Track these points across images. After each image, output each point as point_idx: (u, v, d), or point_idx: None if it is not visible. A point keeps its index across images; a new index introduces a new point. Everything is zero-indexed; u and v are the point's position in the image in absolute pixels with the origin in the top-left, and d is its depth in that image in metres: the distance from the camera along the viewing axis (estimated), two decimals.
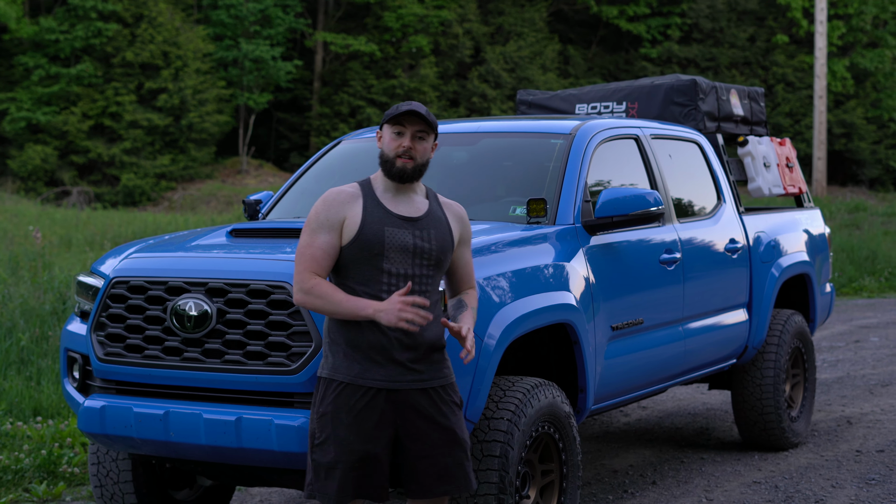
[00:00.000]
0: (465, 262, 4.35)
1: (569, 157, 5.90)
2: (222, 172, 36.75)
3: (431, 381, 4.16)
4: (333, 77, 39.18)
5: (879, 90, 41.70)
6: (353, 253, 4.11)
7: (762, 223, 7.49)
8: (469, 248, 4.37)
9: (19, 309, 9.80)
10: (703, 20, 41.44)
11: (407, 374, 4.11)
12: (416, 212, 4.21)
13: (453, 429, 4.18)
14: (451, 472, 4.18)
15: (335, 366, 4.14)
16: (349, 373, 4.10)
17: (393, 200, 4.20)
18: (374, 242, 4.10)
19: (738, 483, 6.76)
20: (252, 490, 6.70)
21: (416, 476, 4.18)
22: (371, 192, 4.21)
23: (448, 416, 4.18)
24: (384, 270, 4.10)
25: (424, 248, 4.15)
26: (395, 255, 4.11)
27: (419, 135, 4.21)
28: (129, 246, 5.39)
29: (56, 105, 34.60)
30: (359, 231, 4.10)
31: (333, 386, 4.13)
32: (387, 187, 4.22)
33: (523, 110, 8.32)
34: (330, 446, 4.11)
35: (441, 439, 4.16)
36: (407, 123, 4.20)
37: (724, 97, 7.84)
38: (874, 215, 25.55)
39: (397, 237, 4.12)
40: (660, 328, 6.20)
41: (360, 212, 4.14)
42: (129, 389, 4.98)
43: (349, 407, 4.10)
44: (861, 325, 13.41)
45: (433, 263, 4.17)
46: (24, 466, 6.77)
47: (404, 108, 4.19)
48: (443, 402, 4.18)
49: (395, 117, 4.19)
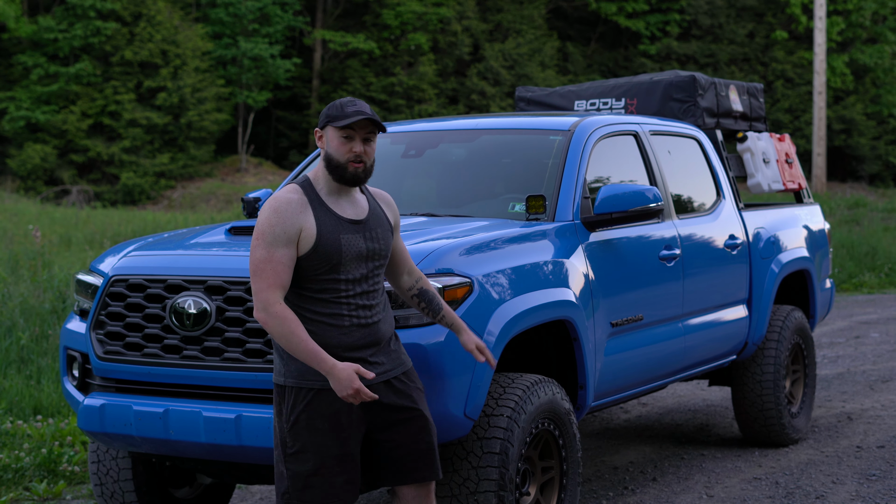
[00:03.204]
0: (401, 247, 4.37)
1: (568, 153, 5.89)
2: (221, 171, 36.73)
3: (394, 371, 4.19)
4: (332, 75, 39.16)
5: (879, 86, 41.69)
6: (310, 263, 4.06)
7: (762, 219, 7.48)
8: (399, 232, 4.38)
9: (19, 308, 9.80)
10: (702, 16, 41.42)
11: (370, 369, 4.10)
12: (362, 212, 4.18)
13: (425, 415, 4.22)
14: (426, 456, 4.21)
15: (301, 372, 4.08)
16: (317, 378, 4.06)
17: (338, 203, 4.15)
18: (332, 253, 4.05)
19: (739, 479, 6.76)
20: (252, 488, 6.70)
21: (393, 464, 4.20)
22: (315, 195, 4.13)
23: (416, 402, 4.21)
24: (341, 279, 4.08)
25: (375, 250, 4.15)
26: (351, 262, 4.09)
27: (368, 136, 4.14)
28: (129, 244, 5.39)
29: (55, 104, 34.57)
30: (316, 242, 4.04)
31: (303, 393, 4.08)
32: (330, 189, 4.15)
33: (522, 107, 8.31)
34: (308, 454, 4.08)
35: (416, 425, 4.19)
36: (357, 127, 4.11)
37: (724, 93, 7.83)
38: (874, 211, 25.53)
39: (353, 245, 4.08)
40: (659, 325, 6.20)
41: (312, 221, 4.06)
42: (129, 387, 4.98)
43: (322, 412, 4.07)
44: (861, 321, 13.41)
45: (383, 262, 4.19)
46: (25, 465, 6.77)
47: (352, 111, 4.08)
48: (408, 388, 4.21)
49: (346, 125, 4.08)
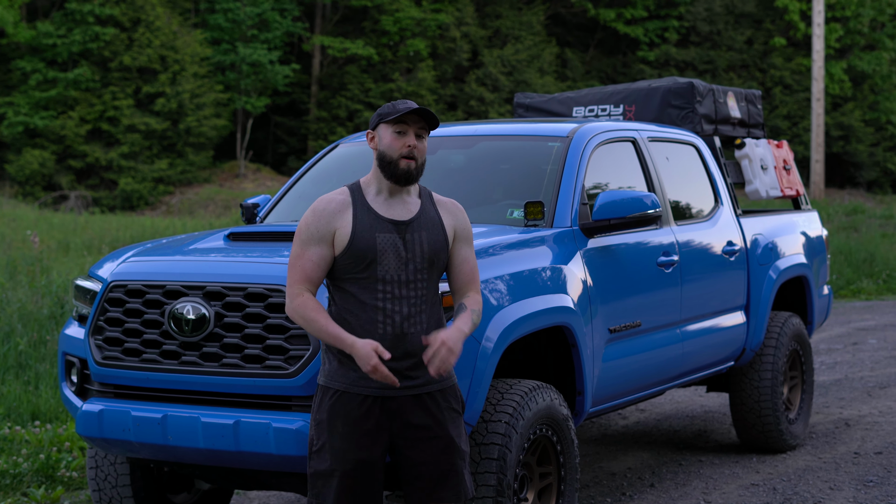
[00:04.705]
0: (463, 260, 4.18)
1: (566, 159, 5.90)
2: (220, 176, 36.74)
3: (427, 387, 4.08)
4: (331, 81, 39.18)
5: (877, 93, 41.75)
6: (346, 262, 4.04)
7: (760, 225, 7.49)
8: (470, 246, 4.21)
9: (17, 313, 9.79)
10: (701, 23, 41.46)
11: (402, 381, 4.03)
12: (408, 213, 4.11)
13: (450, 436, 4.09)
14: (448, 478, 4.10)
15: (331, 373, 4.09)
16: (344, 380, 4.05)
17: (385, 204, 4.11)
18: (366, 251, 4.02)
19: (737, 485, 6.76)
20: (250, 494, 6.70)
21: (414, 482, 4.12)
22: (362, 197, 4.11)
23: (444, 424, 4.09)
24: (378, 278, 4.03)
25: (416, 252, 4.06)
26: (387, 262, 4.03)
27: (420, 133, 4.13)
28: (127, 250, 5.39)
29: (54, 109, 34.57)
30: (350, 241, 4.03)
31: (329, 394, 4.07)
32: (380, 189, 4.12)
33: (521, 113, 8.32)
34: (326, 454, 4.07)
35: (437, 447, 4.08)
36: (410, 122, 4.11)
37: (722, 100, 7.84)
38: (872, 217, 25.56)
39: (388, 243, 4.03)
40: (657, 331, 6.20)
41: (350, 221, 4.05)
42: (127, 393, 4.99)
43: (344, 415, 4.05)
44: (859, 328, 13.41)
45: (426, 266, 4.08)
46: (23, 471, 6.77)
47: (403, 107, 4.07)
48: (438, 408, 4.08)
49: (399, 116, 4.08)
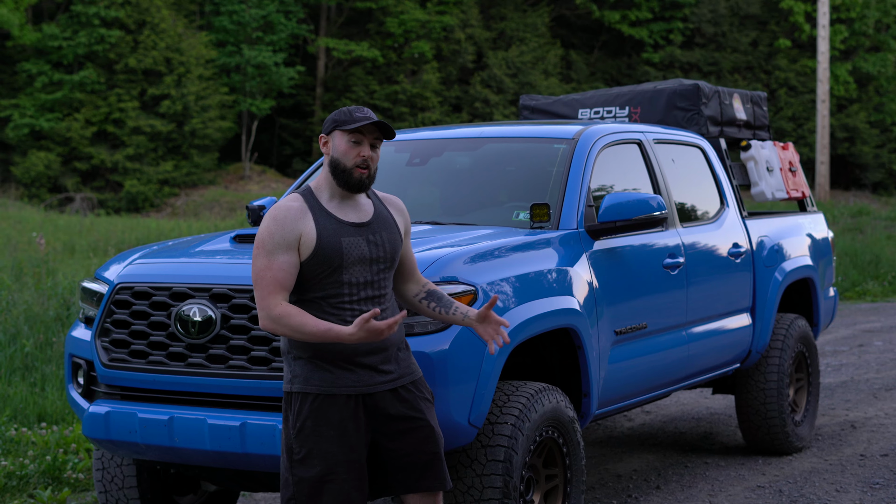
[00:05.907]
0: (410, 253, 4.34)
1: (572, 161, 5.90)
2: (225, 178, 36.78)
3: (402, 380, 4.18)
4: (336, 83, 39.21)
5: (882, 94, 41.71)
6: (312, 268, 4.07)
7: (765, 227, 7.49)
8: (409, 238, 4.35)
9: (23, 315, 9.81)
10: (706, 24, 41.45)
11: (377, 377, 4.11)
12: (366, 215, 4.18)
13: (430, 425, 4.20)
14: (433, 466, 4.20)
15: (306, 378, 4.10)
16: (322, 383, 4.07)
17: (340, 207, 4.16)
18: (332, 256, 4.06)
19: (743, 487, 6.75)
20: (256, 495, 6.70)
21: (398, 474, 4.19)
22: (316, 202, 4.15)
23: (423, 412, 4.19)
24: (344, 282, 4.08)
25: (380, 253, 4.15)
26: (353, 265, 4.09)
27: (374, 142, 4.18)
28: (133, 252, 5.40)
29: (59, 112, 34.63)
30: (316, 246, 4.06)
31: (309, 399, 4.09)
32: (332, 195, 4.18)
33: (526, 115, 8.32)
34: (314, 461, 4.07)
35: (419, 436, 4.17)
36: (366, 131, 4.16)
37: (727, 101, 7.84)
38: (877, 219, 25.52)
39: (355, 247, 4.09)
40: (663, 333, 6.20)
41: (313, 226, 4.08)
42: (134, 395, 4.99)
43: (328, 418, 4.08)
44: (865, 330, 13.40)
45: (388, 266, 4.18)
46: (29, 472, 6.78)
47: (360, 116, 4.13)
48: (415, 398, 4.19)
49: (356, 128, 4.13)
